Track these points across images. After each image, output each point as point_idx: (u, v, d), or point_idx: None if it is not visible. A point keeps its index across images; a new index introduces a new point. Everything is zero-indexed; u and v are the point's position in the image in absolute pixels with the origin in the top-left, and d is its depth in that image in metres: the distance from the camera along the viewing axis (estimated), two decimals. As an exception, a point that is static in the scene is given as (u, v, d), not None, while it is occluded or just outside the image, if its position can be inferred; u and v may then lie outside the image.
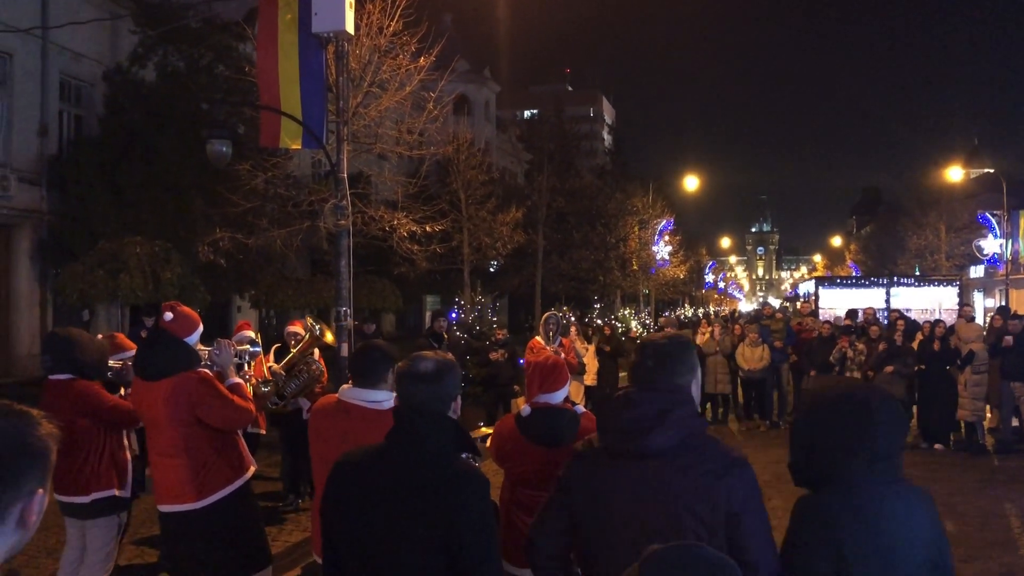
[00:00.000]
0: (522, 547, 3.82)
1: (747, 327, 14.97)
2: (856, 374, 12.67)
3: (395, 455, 2.62)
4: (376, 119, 12.06)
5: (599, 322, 23.49)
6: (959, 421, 12.43)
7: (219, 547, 4.48)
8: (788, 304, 51.65)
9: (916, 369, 12.41)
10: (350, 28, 8.26)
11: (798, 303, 26.55)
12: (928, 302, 20.77)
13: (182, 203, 16.34)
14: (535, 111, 55.22)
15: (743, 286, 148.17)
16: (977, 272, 40.84)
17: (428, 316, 25.82)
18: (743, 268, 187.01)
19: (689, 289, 58.49)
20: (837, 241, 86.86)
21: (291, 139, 8.45)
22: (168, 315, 4.58)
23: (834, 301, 21.47)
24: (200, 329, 4.72)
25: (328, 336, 6.56)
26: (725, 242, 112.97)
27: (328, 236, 13.30)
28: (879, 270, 46.71)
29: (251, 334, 7.66)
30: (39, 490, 1.59)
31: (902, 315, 15.36)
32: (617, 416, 2.61)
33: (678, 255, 42.15)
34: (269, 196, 15.71)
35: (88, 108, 18.91)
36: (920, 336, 12.91)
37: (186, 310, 4.69)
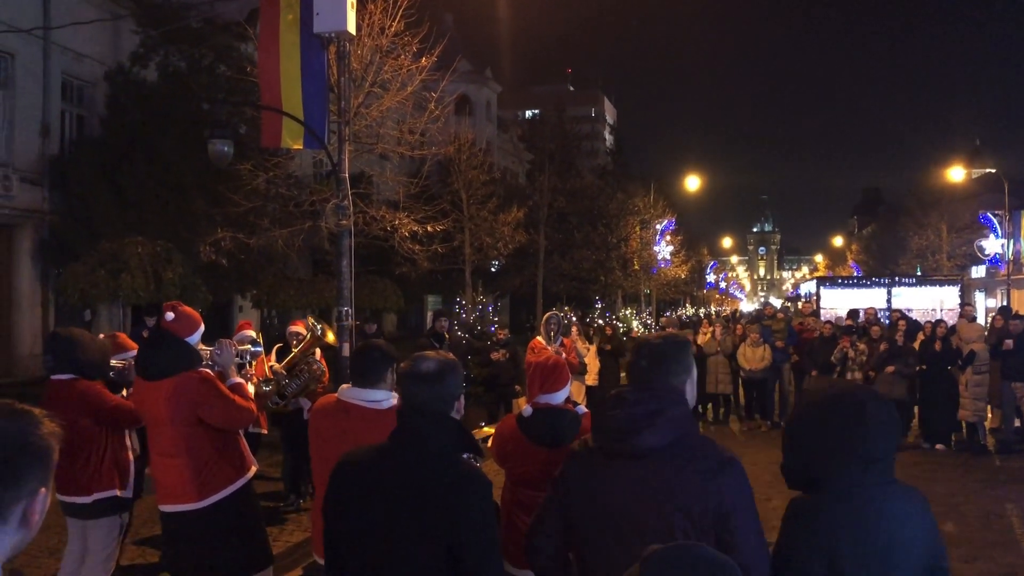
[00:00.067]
0: (523, 546, 3.84)
1: (748, 327, 14.97)
2: (857, 374, 12.66)
3: (397, 455, 2.62)
4: (378, 119, 12.06)
5: (600, 322, 23.48)
6: (960, 421, 12.42)
7: (220, 547, 4.48)
8: (789, 304, 51.64)
9: (917, 369, 12.40)
10: (352, 28, 8.26)
11: (799, 303, 26.54)
12: (929, 302, 20.74)
13: (184, 203, 16.35)
14: (536, 111, 55.17)
15: (744, 286, 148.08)
16: (979, 272, 40.82)
17: (430, 316, 25.83)
18: (744, 268, 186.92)
19: (691, 289, 58.48)
20: (838, 241, 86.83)
21: (293, 139, 8.45)
22: (170, 315, 4.58)
23: (835, 301, 21.45)
24: (202, 329, 4.72)
25: (330, 336, 6.56)
26: (726, 242, 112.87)
27: (330, 236, 13.31)
28: (881, 270, 46.69)
29: (252, 334, 7.66)
30: (41, 489, 1.59)
31: (903, 315, 15.36)
32: (609, 416, 2.62)
33: (679, 255, 42.14)
34: (271, 196, 15.71)
35: (90, 108, 18.93)
36: (921, 336, 12.90)
37: (188, 310, 4.69)
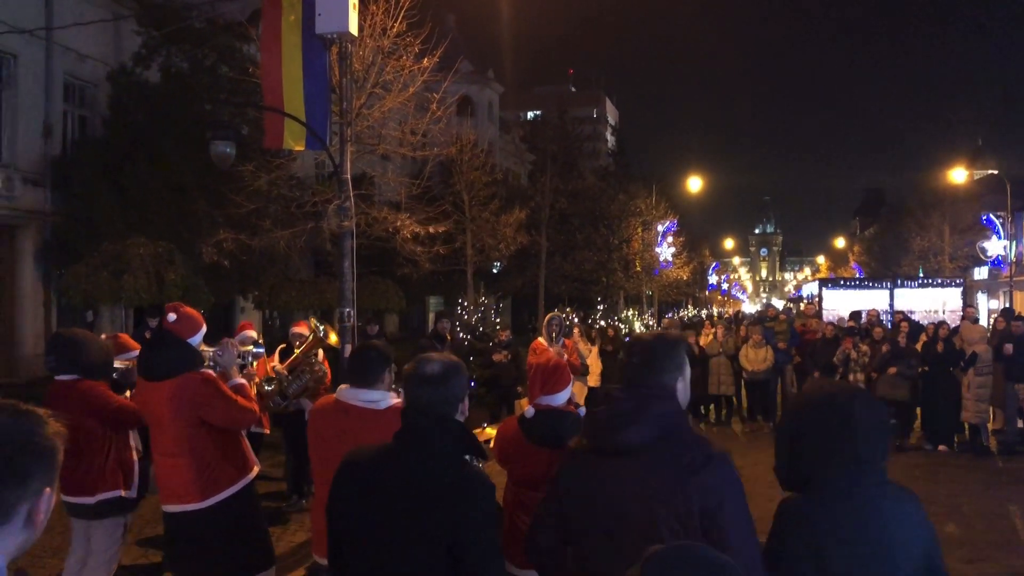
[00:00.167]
0: (524, 547, 3.84)
1: (751, 328, 14.96)
2: (860, 375, 12.66)
3: (401, 456, 2.62)
4: (379, 120, 12.06)
5: (602, 323, 23.47)
6: (963, 423, 12.41)
7: (223, 547, 4.49)
8: (792, 305, 51.62)
9: (920, 371, 12.39)
10: (354, 29, 8.27)
11: (802, 304, 26.52)
12: (932, 303, 20.73)
13: (186, 204, 16.37)
14: (538, 112, 55.22)
15: (746, 287, 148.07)
16: (981, 274, 40.79)
17: (431, 317, 25.84)
18: (746, 269, 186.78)
19: (693, 290, 58.44)
20: (841, 242, 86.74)
21: (295, 140, 8.46)
22: (172, 316, 4.58)
23: (838, 302, 21.44)
24: (203, 330, 4.73)
25: (332, 337, 6.57)
26: (728, 243, 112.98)
27: (331, 237, 13.30)
28: (883, 271, 46.68)
29: (253, 334, 7.67)
30: (46, 489, 1.59)
31: (906, 316, 15.37)
32: (595, 413, 2.65)
33: (681, 256, 42.13)
34: (273, 197, 15.71)
35: (92, 109, 18.95)
36: (924, 338, 12.90)
37: (189, 311, 4.70)
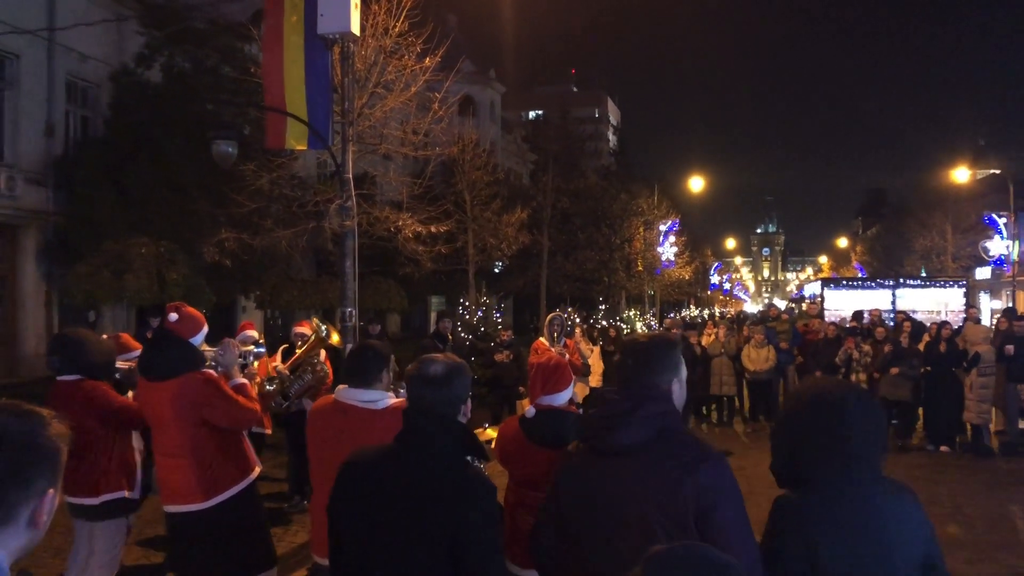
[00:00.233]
0: (527, 548, 3.85)
1: (753, 328, 14.96)
2: (862, 376, 12.65)
3: (403, 457, 2.63)
4: (381, 120, 12.05)
5: (604, 323, 23.48)
6: (965, 423, 12.40)
7: (225, 548, 4.49)
8: (794, 305, 51.59)
9: (922, 371, 12.38)
10: (355, 29, 8.27)
11: (804, 304, 26.50)
12: (934, 304, 20.69)
13: (188, 204, 16.37)
14: (540, 112, 55.28)
15: (748, 287, 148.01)
16: (983, 273, 40.70)
17: (434, 317, 25.84)
18: (748, 269, 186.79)
19: (694, 290, 58.42)
20: (843, 242, 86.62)
21: (296, 140, 8.46)
22: (173, 316, 4.58)
23: (840, 302, 21.40)
24: (205, 330, 4.73)
25: (335, 337, 6.57)
26: (730, 243, 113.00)
27: (333, 237, 13.30)
28: (885, 271, 46.63)
29: (254, 334, 7.68)
30: (50, 490, 1.60)
31: (908, 317, 15.35)
32: (589, 414, 2.66)
33: (683, 256, 42.10)
34: (274, 197, 15.72)
35: (94, 109, 18.98)
36: (926, 338, 12.89)
37: (191, 311, 4.70)
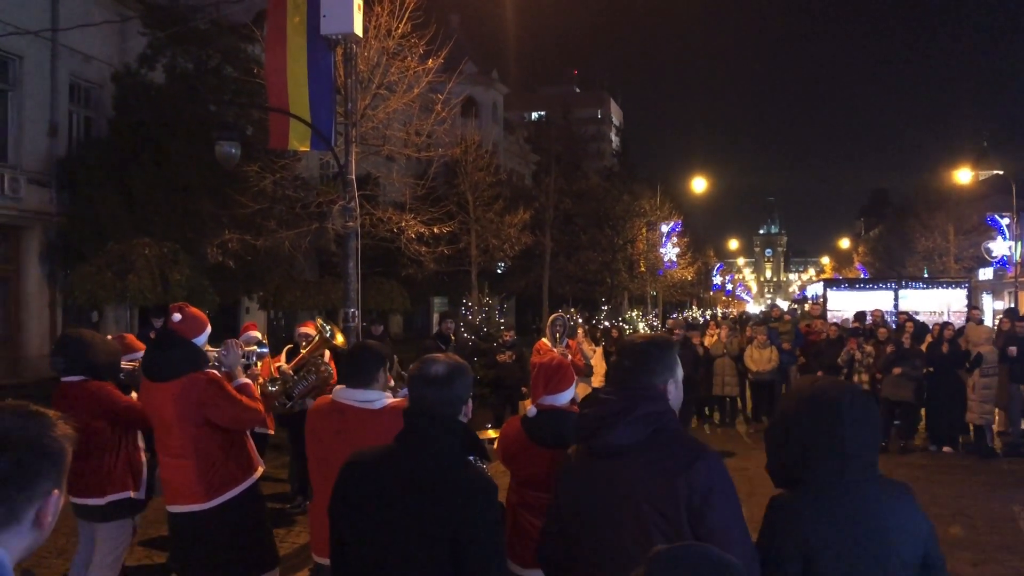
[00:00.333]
0: (529, 548, 3.85)
1: (755, 329, 14.95)
2: (864, 376, 12.64)
3: (404, 457, 2.63)
4: (384, 121, 12.06)
5: (606, 324, 23.48)
6: (968, 424, 12.38)
7: (227, 548, 4.49)
8: (796, 306, 51.54)
9: (925, 372, 12.37)
10: (358, 30, 8.28)
11: (807, 304, 26.49)
12: (937, 304, 20.64)
13: (191, 204, 16.40)
14: (543, 113, 55.30)
15: (751, 288, 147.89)
16: (986, 274, 40.67)
17: (436, 318, 25.85)
18: (751, 270, 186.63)
19: (697, 291, 58.41)
20: (845, 243, 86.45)
21: (299, 141, 8.47)
22: (176, 316, 4.59)
23: (842, 303, 21.36)
24: (208, 330, 4.73)
25: (339, 338, 6.57)
26: (733, 244, 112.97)
27: (336, 238, 13.30)
28: (887, 272, 46.59)
29: (257, 335, 7.67)
30: (55, 491, 1.60)
31: (911, 317, 15.32)
32: (587, 414, 2.67)
33: (686, 257, 42.08)
34: (277, 198, 15.75)
35: (97, 109, 19.01)
36: (929, 338, 12.87)
37: (194, 311, 4.70)
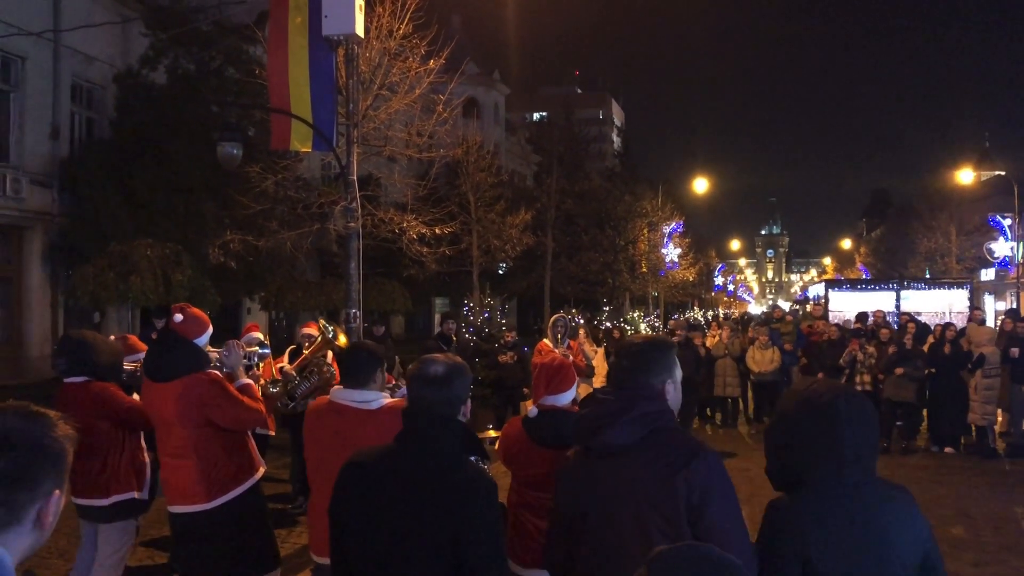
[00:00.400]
0: (530, 548, 3.86)
1: (757, 330, 14.95)
2: (866, 377, 12.64)
3: (403, 457, 2.64)
4: (386, 122, 12.07)
5: (608, 325, 23.47)
6: (970, 425, 12.37)
7: (228, 548, 4.49)
8: (798, 307, 51.52)
9: (927, 372, 12.36)
10: (360, 31, 8.28)
11: (809, 305, 26.44)
12: (939, 305, 20.64)
13: (192, 205, 16.42)
14: (544, 114, 55.19)
15: (753, 289, 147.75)
16: (988, 275, 40.61)
17: (438, 318, 25.86)
18: (753, 271, 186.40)
19: (699, 291, 58.35)
20: (847, 244, 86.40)
21: (301, 142, 8.48)
22: (178, 316, 4.59)
23: (844, 304, 21.36)
24: (210, 331, 4.73)
25: (341, 339, 6.57)
26: (735, 244, 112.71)
27: (338, 238, 13.34)
28: (889, 273, 46.55)
29: (259, 336, 7.68)
30: (56, 491, 1.61)
31: (912, 318, 15.30)
32: (585, 414, 2.68)
33: (687, 257, 42.03)
34: (279, 198, 15.76)
35: (99, 110, 19.04)
36: (931, 339, 12.86)
37: (196, 312, 4.70)
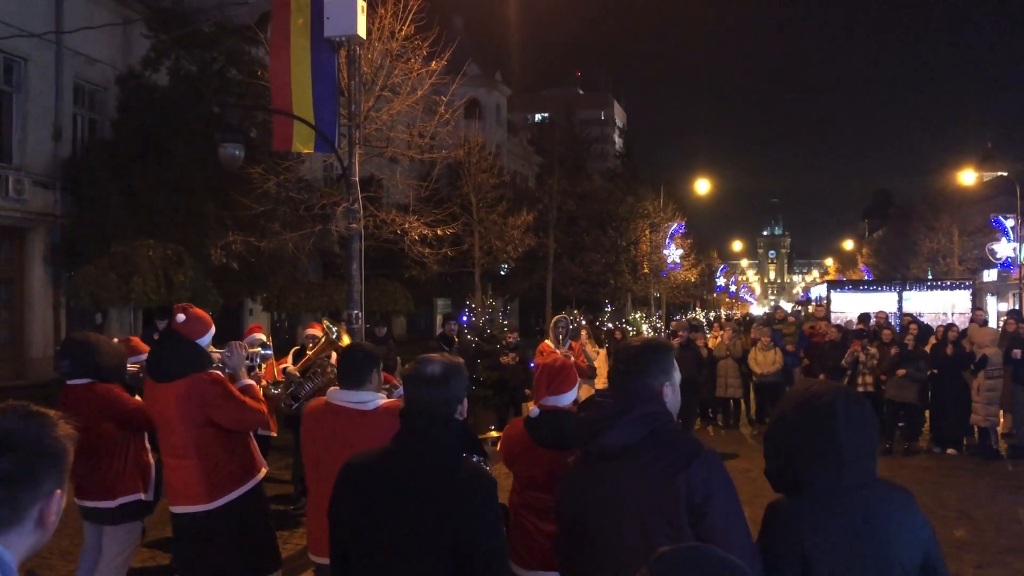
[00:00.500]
0: (531, 550, 3.85)
1: (759, 330, 14.93)
2: (868, 378, 12.62)
3: (402, 457, 2.64)
4: (388, 123, 12.07)
5: (610, 326, 23.47)
6: (972, 426, 12.35)
7: (229, 549, 4.49)
8: (800, 308, 51.52)
9: (929, 373, 12.34)
10: (362, 32, 8.28)
11: (811, 306, 26.46)
12: (941, 306, 20.62)
13: (194, 206, 16.43)
14: (546, 115, 55.33)
15: (755, 290, 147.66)
16: (990, 276, 40.59)
17: (440, 319, 25.86)
18: (754, 272, 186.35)
19: (701, 292, 58.32)
20: (849, 244, 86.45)
21: (303, 143, 8.48)
22: (181, 316, 4.60)
23: (846, 305, 21.35)
24: (212, 331, 4.73)
25: (345, 339, 6.58)
26: (736, 245, 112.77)
27: (340, 239, 13.35)
28: (891, 274, 46.55)
29: (262, 337, 7.69)
30: (57, 491, 1.61)
31: (915, 319, 15.29)
32: (583, 417, 2.68)
33: (689, 258, 42.00)
34: (281, 199, 15.75)
35: (101, 112, 19.05)
36: (933, 340, 12.85)
37: (198, 312, 4.71)
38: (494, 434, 5.35)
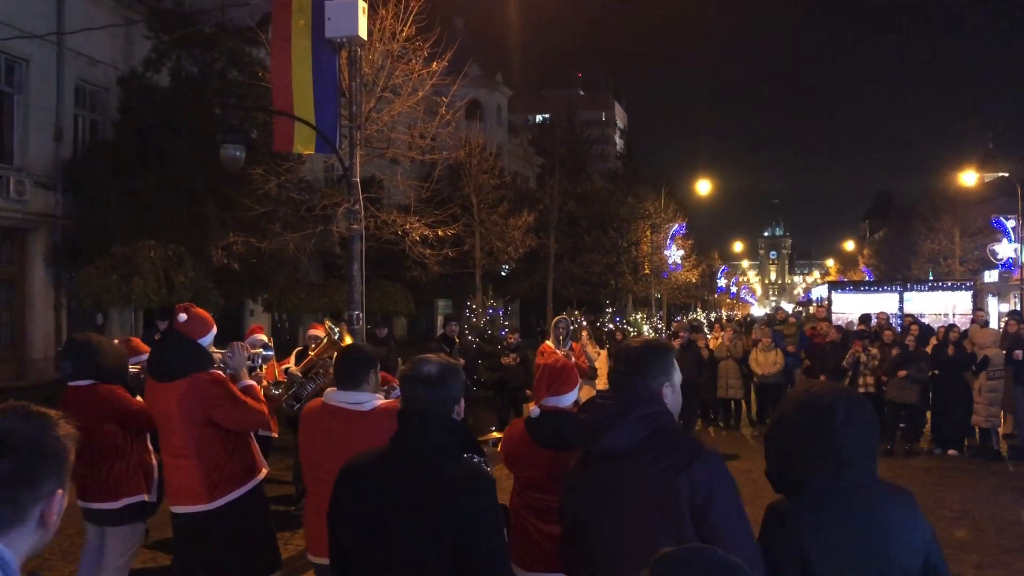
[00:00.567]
0: (531, 551, 3.85)
1: (760, 331, 14.94)
2: (869, 379, 12.62)
3: (400, 457, 2.64)
4: (389, 124, 12.07)
5: (611, 326, 23.46)
6: (973, 427, 12.35)
7: (230, 549, 4.50)
8: (801, 309, 51.50)
9: (930, 374, 12.34)
10: (363, 33, 8.29)
11: (811, 307, 26.47)
12: (942, 307, 20.64)
13: (196, 207, 16.43)
14: (547, 115, 55.33)
15: (756, 290, 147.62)
16: (991, 277, 40.55)
17: (440, 320, 25.88)
18: (755, 272, 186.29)
19: (702, 293, 58.30)
20: (850, 245, 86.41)
21: (304, 144, 8.49)
22: (182, 316, 4.60)
23: (847, 306, 21.36)
24: (214, 331, 4.74)
25: (347, 340, 6.58)
26: (738, 246, 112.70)
27: (341, 240, 13.34)
28: (892, 274, 46.54)
29: (263, 338, 7.68)
30: (58, 491, 1.61)
31: (916, 320, 15.29)
32: (584, 418, 2.69)
33: (690, 259, 41.99)
34: (282, 200, 15.76)
35: (103, 113, 19.06)
36: (934, 341, 12.84)
37: (200, 312, 4.72)
38: (495, 435, 5.35)
